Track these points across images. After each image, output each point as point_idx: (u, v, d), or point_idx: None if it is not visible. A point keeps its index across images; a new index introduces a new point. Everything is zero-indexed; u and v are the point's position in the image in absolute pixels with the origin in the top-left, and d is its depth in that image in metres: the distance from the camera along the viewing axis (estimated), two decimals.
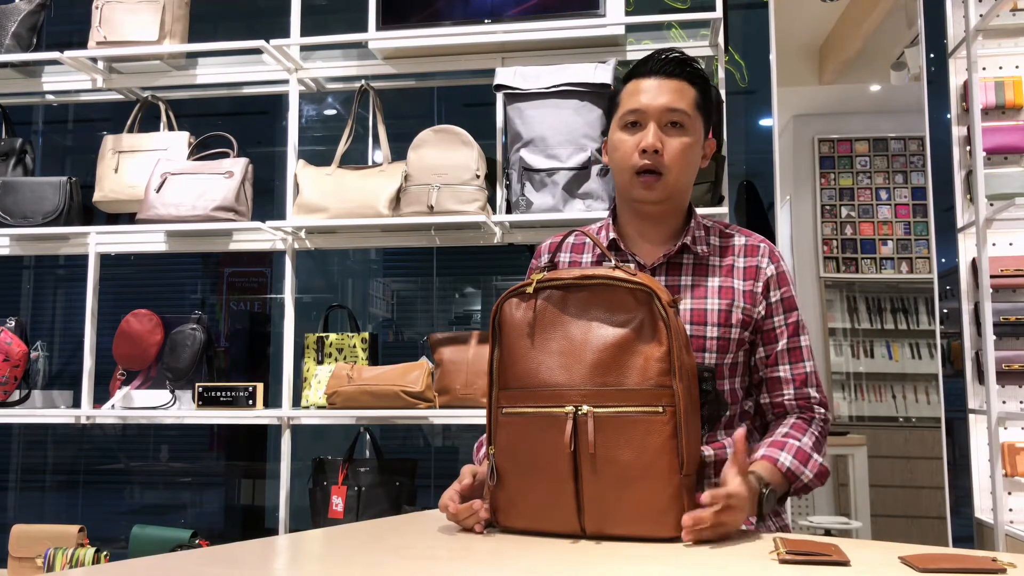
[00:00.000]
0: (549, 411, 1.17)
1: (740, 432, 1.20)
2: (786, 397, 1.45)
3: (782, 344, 1.45)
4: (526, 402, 1.20)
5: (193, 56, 2.93)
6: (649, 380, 1.15)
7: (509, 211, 2.55)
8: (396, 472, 2.61)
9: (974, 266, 2.67)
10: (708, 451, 1.41)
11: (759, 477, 1.28)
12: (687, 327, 1.42)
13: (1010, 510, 2.54)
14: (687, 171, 1.44)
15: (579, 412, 1.15)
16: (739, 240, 1.49)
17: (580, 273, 1.21)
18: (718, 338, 1.41)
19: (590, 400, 1.15)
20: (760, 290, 1.45)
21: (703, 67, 1.48)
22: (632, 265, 1.25)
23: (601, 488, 1.14)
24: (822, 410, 1.45)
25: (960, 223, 2.74)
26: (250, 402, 2.62)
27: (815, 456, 1.38)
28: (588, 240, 1.55)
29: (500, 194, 2.61)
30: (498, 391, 1.24)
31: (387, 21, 2.70)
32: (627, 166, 1.42)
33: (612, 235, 1.50)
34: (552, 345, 1.20)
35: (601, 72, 2.43)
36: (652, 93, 1.41)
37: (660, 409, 1.14)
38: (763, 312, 1.45)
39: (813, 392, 1.45)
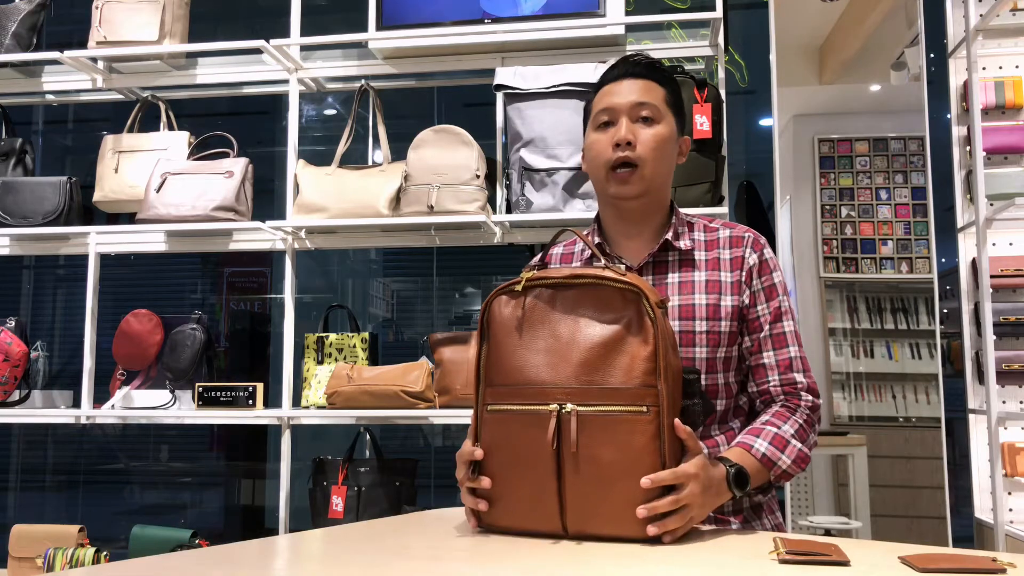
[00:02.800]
0: (533, 409, 1.17)
1: (678, 422, 1.17)
2: (771, 383, 1.44)
3: (765, 331, 1.44)
4: (511, 399, 1.19)
5: (193, 56, 2.93)
6: (634, 379, 1.14)
7: (509, 211, 2.55)
8: (396, 472, 2.61)
9: (974, 266, 2.67)
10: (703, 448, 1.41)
11: (726, 460, 1.27)
12: (676, 323, 1.42)
13: (1010, 510, 2.54)
14: (662, 163, 1.45)
15: (563, 410, 1.15)
16: (724, 233, 1.50)
17: (570, 272, 1.21)
18: (707, 332, 1.42)
19: (574, 398, 1.15)
20: (744, 279, 1.45)
21: (668, 70, 1.51)
22: (623, 266, 1.25)
23: (583, 487, 1.14)
24: (809, 397, 1.43)
25: (960, 223, 2.74)
26: (250, 402, 2.62)
27: (794, 442, 1.36)
28: (576, 250, 1.56)
29: (500, 194, 2.61)
30: (485, 388, 1.24)
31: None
32: (602, 162, 1.44)
33: (597, 239, 1.51)
34: (539, 343, 1.20)
35: (601, 72, 2.43)
36: (622, 93, 1.45)
37: (644, 409, 1.14)
38: (747, 301, 1.45)
39: (799, 377, 1.43)
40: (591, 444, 1.14)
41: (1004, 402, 2.63)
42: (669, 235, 1.46)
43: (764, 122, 3.41)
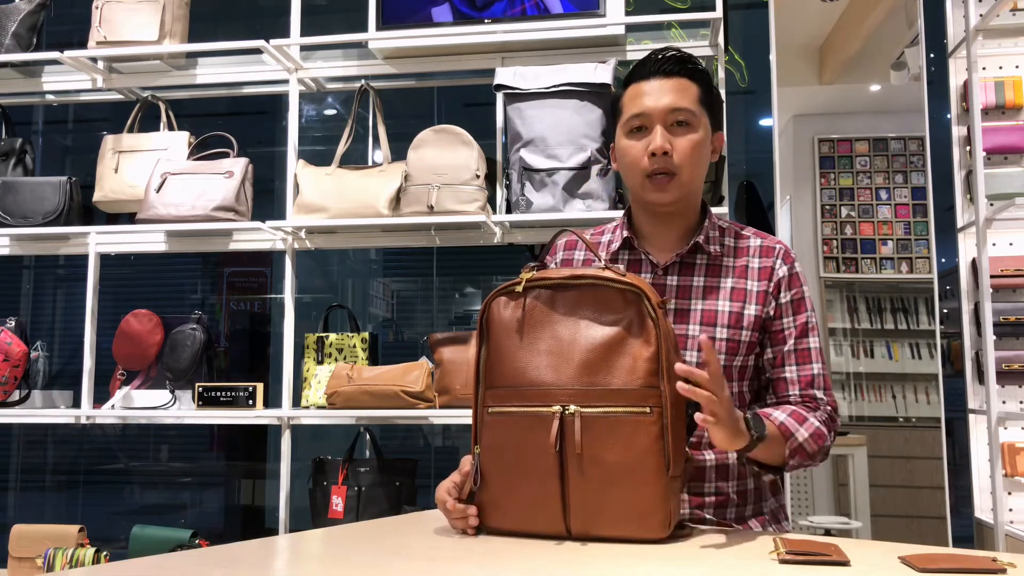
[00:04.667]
0: (536, 410, 1.17)
1: (704, 337, 1.17)
2: (791, 398, 1.43)
3: (789, 345, 1.43)
4: (513, 401, 1.19)
5: (193, 56, 2.92)
6: (637, 380, 1.14)
7: (509, 211, 2.55)
8: (396, 472, 2.61)
9: (974, 266, 2.67)
10: (710, 455, 1.40)
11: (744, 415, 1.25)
12: (697, 328, 1.41)
13: (1010, 510, 2.54)
14: (699, 168, 1.43)
15: (566, 412, 1.14)
16: (754, 241, 1.48)
17: (569, 273, 1.21)
18: (727, 340, 1.40)
19: (577, 400, 1.15)
20: (772, 291, 1.44)
21: (702, 63, 1.47)
22: (622, 267, 1.24)
23: (587, 488, 1.14)
24: (829, 408, 1.42)
25: (960, 223, 2.74)
26: (250, 402, 2.62)
27: (812, 419, 1.35)
28: (603, 240, 1.55)
29: (500, 194, 2.61)
30: (484, 390, 1.23)
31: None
32: (638, 170, 1.41)
33: (626, 233, 1.50)
34: (540, 344, 1.19)
35: (601, 72, 2.43)
36: (655, 95, 1.40)
37: (647, 410, 1.13)
38: (772, 313, 1.43)
39: (819, 395, 1.42)
40: (595, 445, 1.13)
41: (1004, 402, 2.63)
42: (700, 238, 1.45)
43: (764, 122, 3.41)
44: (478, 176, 2.50)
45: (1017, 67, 2.76)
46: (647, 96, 1.41)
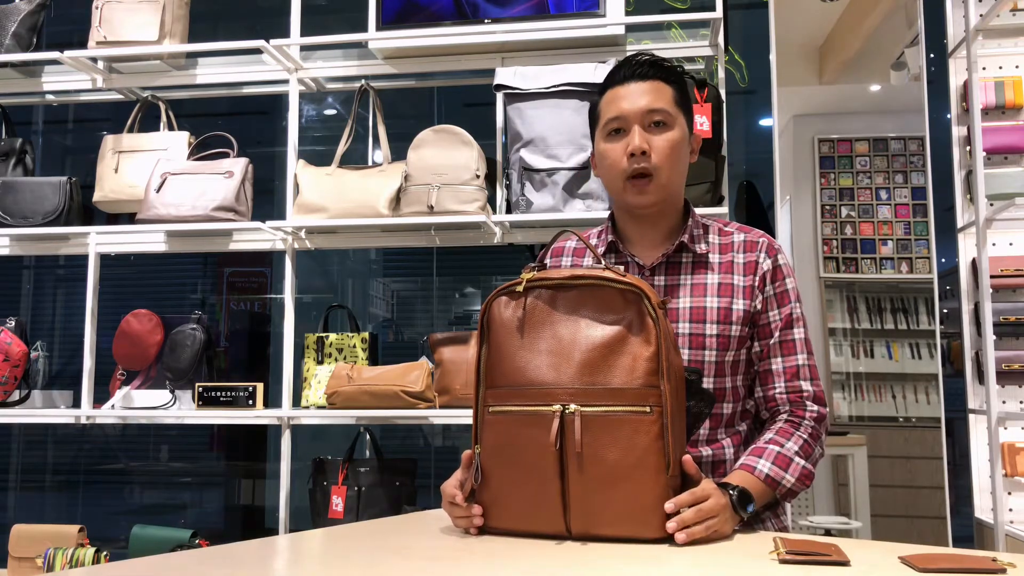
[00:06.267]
0: (536, 410, 1.17)
1: (687, 457, 1.18)
2: (777, 390, 1.43)
3: (775, 337, 1.44)
4: (513, 401, 1.19)
5: (193, 56, 2.93)
6: (637, 380, 1.15)
7: (509, 211, 2.55)
8: (396, 472, 2.61)
9: (974, 266, 2.67)
10: (707, 451, 1.41)
11: (728, 485, 1.26)
12: (687, 325, 1.42)
13: (1010, 510, 2.54)
14: (677, 168, 1.44)
15: (566, 411, 1.15)
16: (738, 237, 1.49)
17: (570, 273, 1.21)
18: (718, 335, 1.41)
19: (578, 399, 1.15)
20: (757, 284, 1.44)
21: (676, 65, 1.49)
22: (622, 267, 1.26)
23: (587, 488, 1.14)
24: (815, 407, 1.42)
25: (960, 223, 2.74)
26: (250, 402, 2.62)
27: (797, 460, 1.35)
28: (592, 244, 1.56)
29: (500, 194, 2.61)
30: (485, 389, 1.24)
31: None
32: (617, 173, 1.43)
33: (611, 237, 1.51)
34: (541, 344, 1.20)
35: (601, 72, 2.43)
36: (631, 98, 1.42)
37: (648, 409, 1.14)
38: (759, 307, 1.44)
39: (806, 385, 1.43)
40: (595, 444, 1.14)
41: (1004, 402, 2.63)
42: (685, 237, 1.46)
43: (764, 122, 3.42)
44: (478, 176, 2.50)
45: (1017, 67, 2.76)
46: (624, 99, 1.43)
